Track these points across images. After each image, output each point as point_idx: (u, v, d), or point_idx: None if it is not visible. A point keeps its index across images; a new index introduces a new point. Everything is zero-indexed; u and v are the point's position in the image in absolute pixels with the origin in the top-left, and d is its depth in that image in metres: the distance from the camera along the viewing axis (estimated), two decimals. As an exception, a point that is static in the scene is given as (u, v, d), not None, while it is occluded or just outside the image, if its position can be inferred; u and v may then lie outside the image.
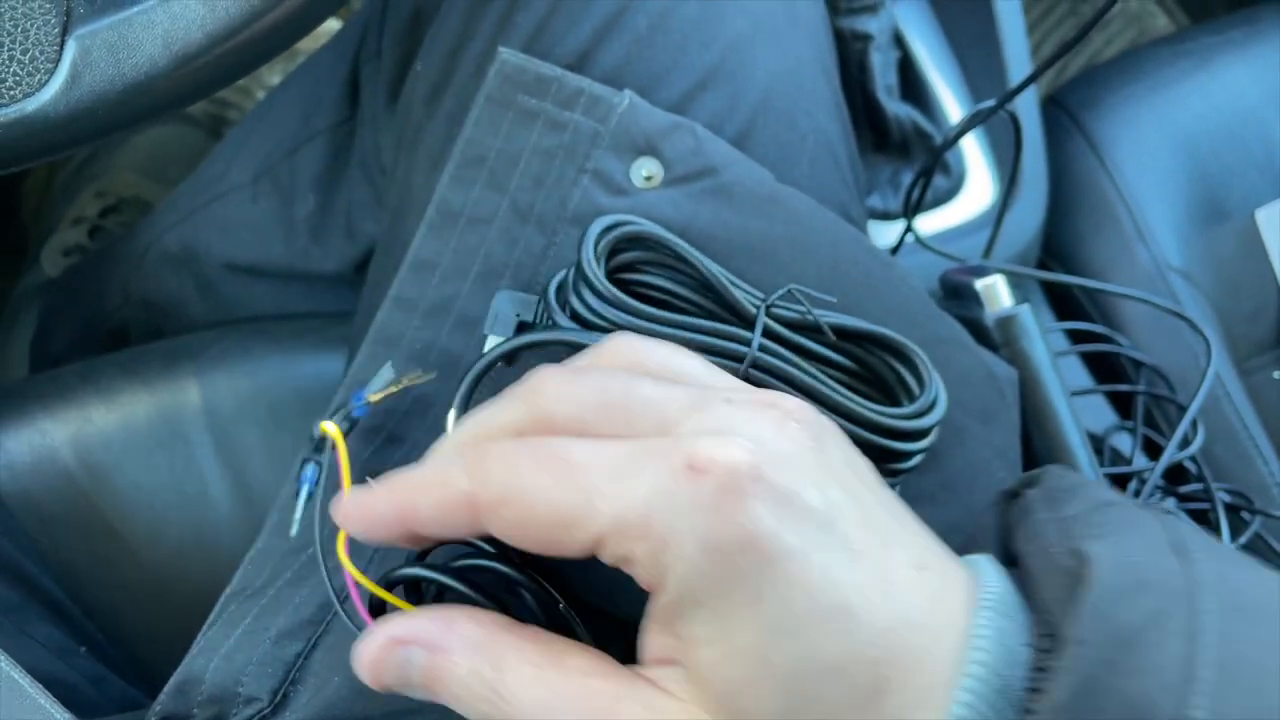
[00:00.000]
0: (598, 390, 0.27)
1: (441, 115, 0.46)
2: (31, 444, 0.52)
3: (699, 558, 0.23)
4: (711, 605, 0.23)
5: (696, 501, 0.23)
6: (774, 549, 0.23)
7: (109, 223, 0.83)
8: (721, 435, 0.24)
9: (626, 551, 0.24)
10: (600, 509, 0.24)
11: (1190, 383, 0.62)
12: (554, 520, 0.24)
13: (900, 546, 0.25)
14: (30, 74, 0.31)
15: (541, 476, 0.25)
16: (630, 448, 0.25)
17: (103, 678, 0.47)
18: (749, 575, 0.23)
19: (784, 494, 0.24)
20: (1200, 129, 0.70)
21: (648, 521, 0.23)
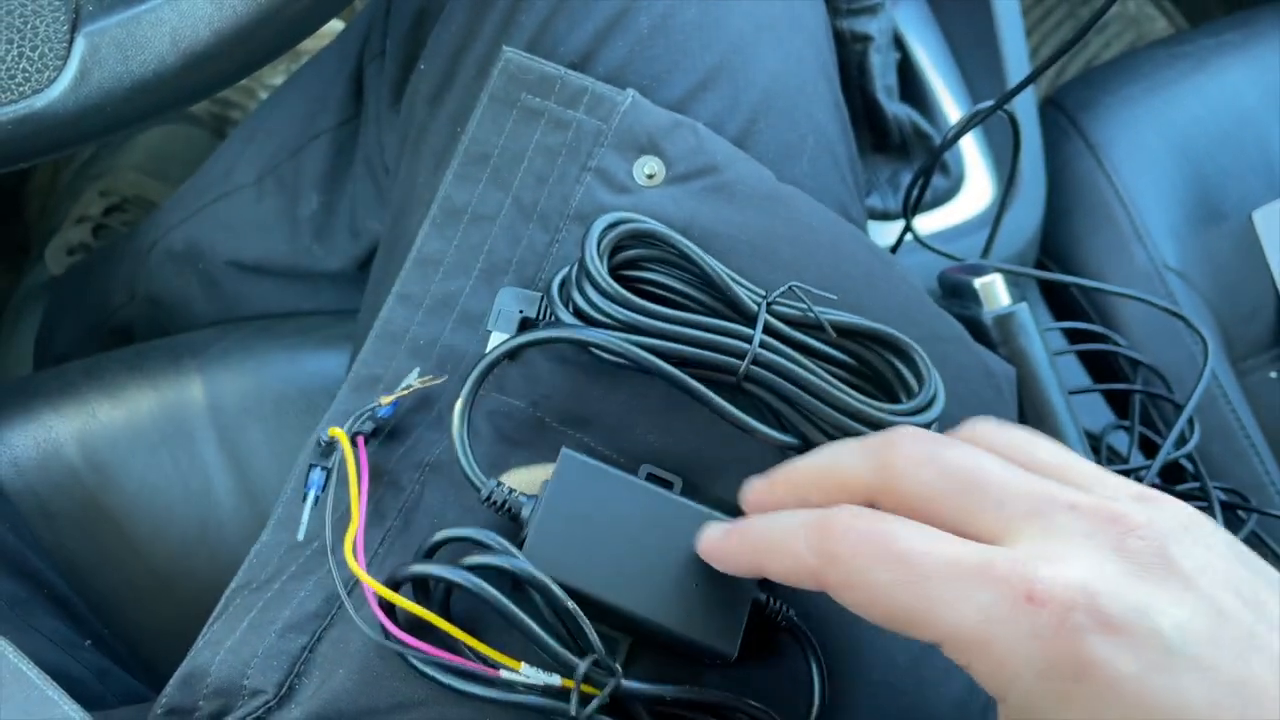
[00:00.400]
0: (948, 468, 0.28)
1: (445, 114, 0.46)
2: (36, 440, 0.52)
3: (1036, 683, 0.25)
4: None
5: (1034, 631, 0.24)
6: (1112, 675, 0.24)
7: (113, 221, 0.83)
8: (1059, 561, 0.25)
9: (964, 663, 0.26)
10: (939, 618, 0.26)
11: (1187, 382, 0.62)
12: (892, 616, 0.26)
13: (1260, 651, 0.25)
14: (39, 71, 0.31)
15: (883, 573, 0.26)
16: (971, 559, 0.26)
17: (107, 671, 0.47)
18: (1089, 700, 0.24)
19: (1121, 623, 0.24)
20: (1198, 130, 0.71)
21: (986, 643, 0.25)
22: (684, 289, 0.38)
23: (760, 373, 0.37)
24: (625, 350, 0.35)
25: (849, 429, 0.37)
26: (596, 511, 0.34)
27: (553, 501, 0.34)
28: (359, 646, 0.35)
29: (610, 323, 0.36)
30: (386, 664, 0.35)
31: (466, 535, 0.34)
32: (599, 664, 0.32)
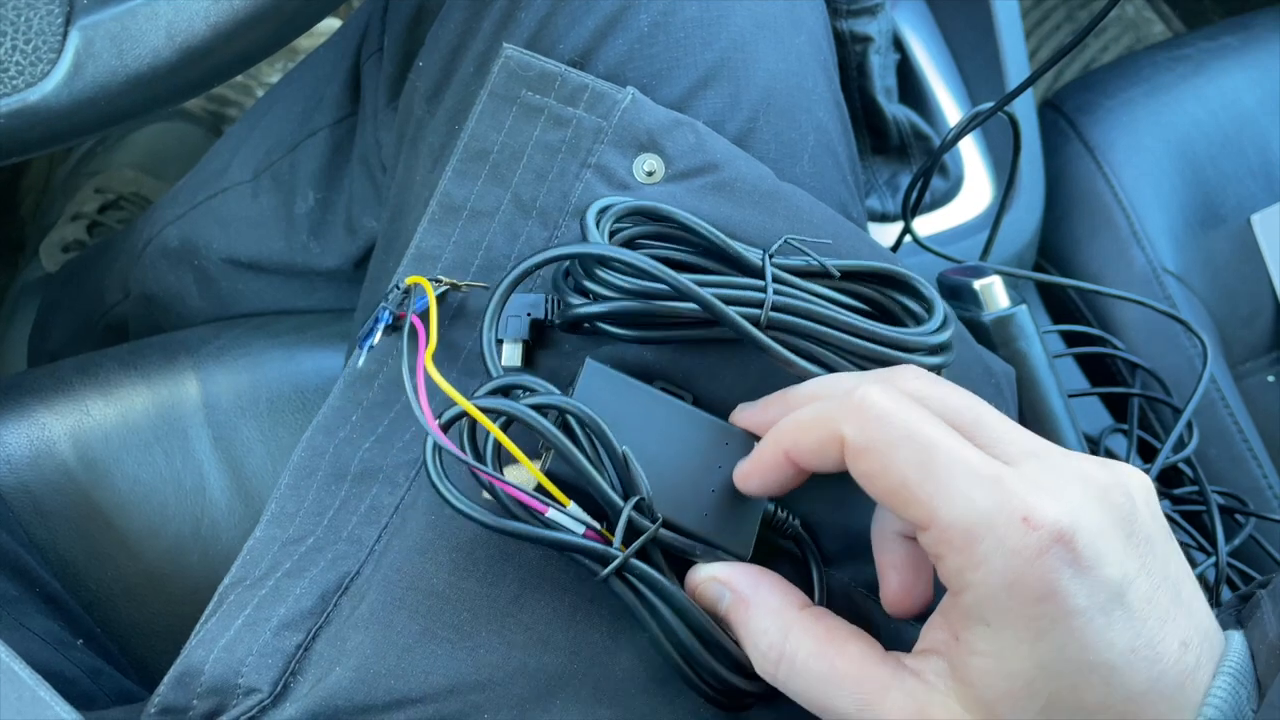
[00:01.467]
0: (954, 396, 0.31)
1: (443, 112, 0.46)
2: (30, 437, 0.52)
3: (1002, 592, 0.27)
4: (998, 629, 0.28)
5: (1019, 548, 0.27)
6: (1067, 606, 0.27)
7: (108, 219, 0.83)
8: (1053, 496, 0.28)
9: (941, 551, 0.28)
10: (939, 508, 0.28)
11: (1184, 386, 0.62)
12: (897, 491, 0.29)
13: (1174, 623, 0.28)
14: (33, 64, 0.31)
15: (906, 450, 0.29)
16: (986, 468, 0.28)
17: (100, 671, 0.46)
18: (1039, 620, 0.27)
19: (1088, 563, 0.27)
20: (1196, 134, 0.71)
21: (974, 542, 0.28)
22: (687, 259, 0.38)
23: (781, 318, 0.37)
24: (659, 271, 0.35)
25: (874, 354, 0.37)
26: (621, 418, 0.35)
27: (582, 400, 0.35)
28: (356, 644, 0.35)
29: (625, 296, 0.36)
30: (384, 661, 0.35)
31: (525, 382, 0.34)
32: (641, 508, 0.34)
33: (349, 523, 0.38)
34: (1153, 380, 0.60)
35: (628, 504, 0.33)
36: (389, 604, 0.36)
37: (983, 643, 0.28)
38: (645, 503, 0.34)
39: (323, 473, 0.39)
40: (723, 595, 0.33)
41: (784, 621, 0.32)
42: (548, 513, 0.33)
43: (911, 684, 0.29)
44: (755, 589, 0.33)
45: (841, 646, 0.31)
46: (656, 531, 0.33)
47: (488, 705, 0.35)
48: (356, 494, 0.39)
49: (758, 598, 0.33)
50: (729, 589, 0.33)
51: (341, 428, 0.39)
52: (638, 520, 0.33)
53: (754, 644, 0.32)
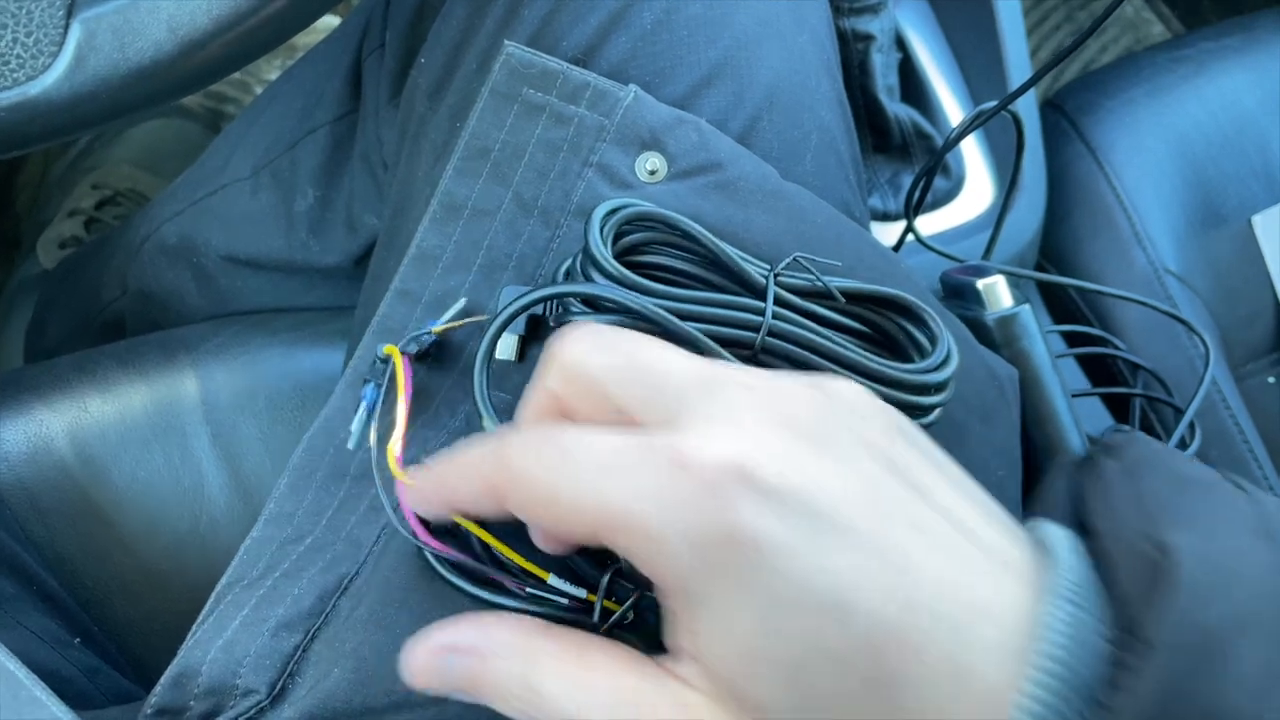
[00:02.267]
0: (615, 354, 0.27)
1: (445, 109, 0.46)
2: (27, 434, 0.52)
3: (688, 554, 0.24)
4: (708, 600, 0.24)
5: (678, 498, 0.24)
6: (759, 542, 0.23)
7: (105, 215, 0.83)
8: (710, 426, 0.25)
9: (625, 547, 0.25)
10: (599, 507, 0.25)
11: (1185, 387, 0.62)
12: (564, 519, 0.25)
13: (906, 529, 0.24)
14: (34, 56, 0.31)
15: (540, 467, 0.26)
16: (626, 441, 0.25)
17: (97, 670, 0.46)
18: (738, 569, 0.23)
19: (770, 487, 0.24)
20: (1197, 134, 0.71)
21: (642, 521, 0.24)
22: (690, 269, 0.38)
23: (775, 343, 0.36)
24: (650, 311, 0.35)
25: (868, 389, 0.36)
26: None
27: None
28: (355, 645, 0.35)
29: (619, 308, 0.36)
30: (383, 662, 0.35)
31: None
32: (621, 575, 0.32)
33: (347, 523, 0.38)
34: (1154, 381, 0.60)
35: (607, 574, 0.32)
36: (388, 605, 0.36)
37: (705, 622, 0.24)
38: (625, 568, 0.32)
39: (322, 473, 0.39)
40: (447, 664, 0.28)
41: (526, 656, 0.27)
42: (524, 591, 0.32)
43: (673, 688, 0.26)
44: (486, 637, 0.28)
45: (591, 660, 0.27)
46: (639, 598, 0.32)
47: (487, 710, 0.35)
48: (355, 494, 0.38)
49: (491, 643, 0.28)
50: (456, 652, 0.28)
51: (342, 429, 0.39)
52: (621, 590, 0.32)
53: (507, 696, 0.27)
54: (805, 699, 0.23)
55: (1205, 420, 0.65)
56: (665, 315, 0.35)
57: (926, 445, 0.28)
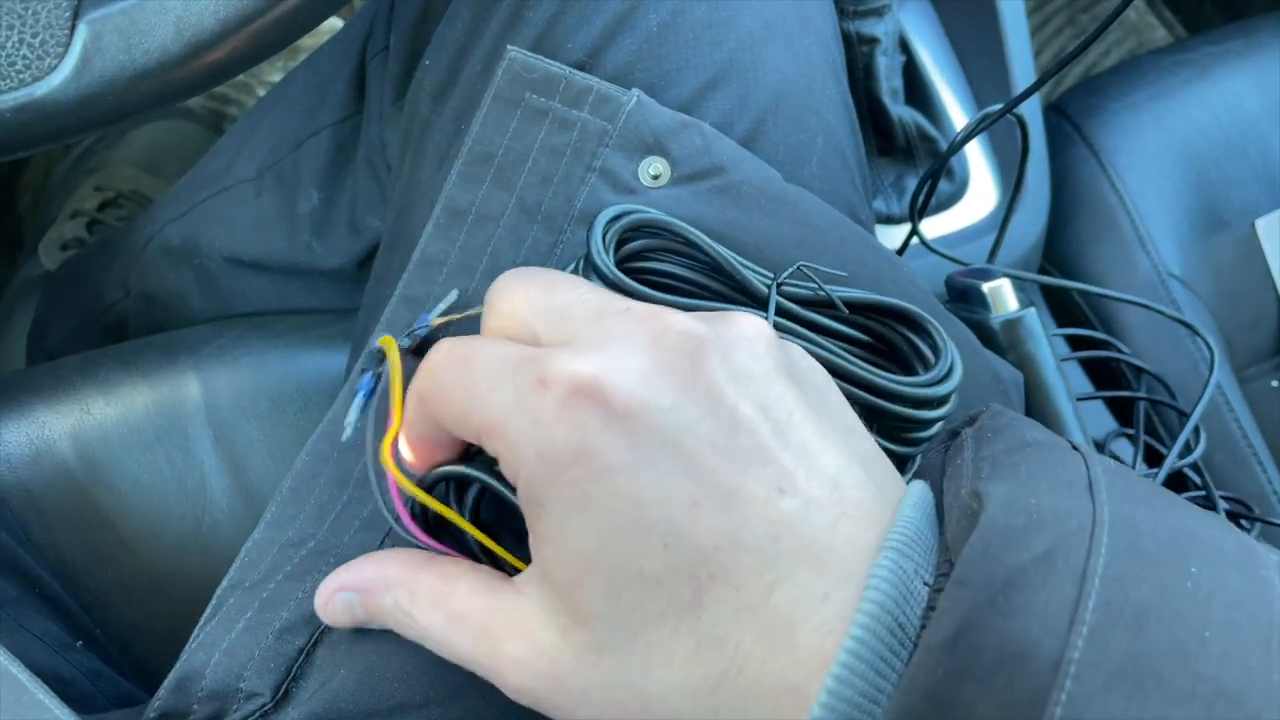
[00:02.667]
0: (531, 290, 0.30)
1: (449, 112, 0.46)
2: (29, 436, 0.52)
3: (537, 464, 0.25)
4: (550, 507, 0.25)
5: (538, 413, 0.25)
6: (604, 462, 0.25)
7: (107, 216, 0.83)
8: (579, 349, 0.26)
9: (493, 450, 0.27)
10: (475, 409, 0.27)
11: (1189, 390, 0.62)
12: (453, 415, 0.28)
13: (762, 467, 0.25)
14: (40, 57, 0.31)
15: (447, 375, 0.28)
16: (509, 354, 0.27)
17: (100, 673, 0.46)
18: (579, 483, 0.25)
19: (624, 410, 0.25)
20: (1200, 138, 0.70)
21: (503, 427, 0.26)
22: (692, 276, 0.38)
23: None
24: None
25: (865, 402, 0.36)
26: None
27: None
28: (361, 648, 0.35)
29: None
30: (389, 665, 0.35)
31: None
32: None
33: (351, 527, 0.38)
34: (1158, 384, 0.59)
35: None
36: None
37: (545, 527, 0.26)
38: None
39: (325, 478, 0.39)
40: (350, 602, 0.32)
41: (407, 586, 0.30)
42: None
43: (513, 601, 0.27)
44: (377, 573, 0.31)
45: (455, 586, 0.29)
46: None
47: (491, 713, 0.35)
48: (359, 498, 0.38)
49: (377, 579, 0.31)
50: (350, 589, 0.31)
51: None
52: None
53: (395, 622, 0.30)
54: (624, 614, 0.25)
55: (1209, 424, 0.64)
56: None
57: (816, 385, 0.29)
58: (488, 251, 0.41)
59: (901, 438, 0.36)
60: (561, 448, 0.25)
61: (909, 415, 0.36)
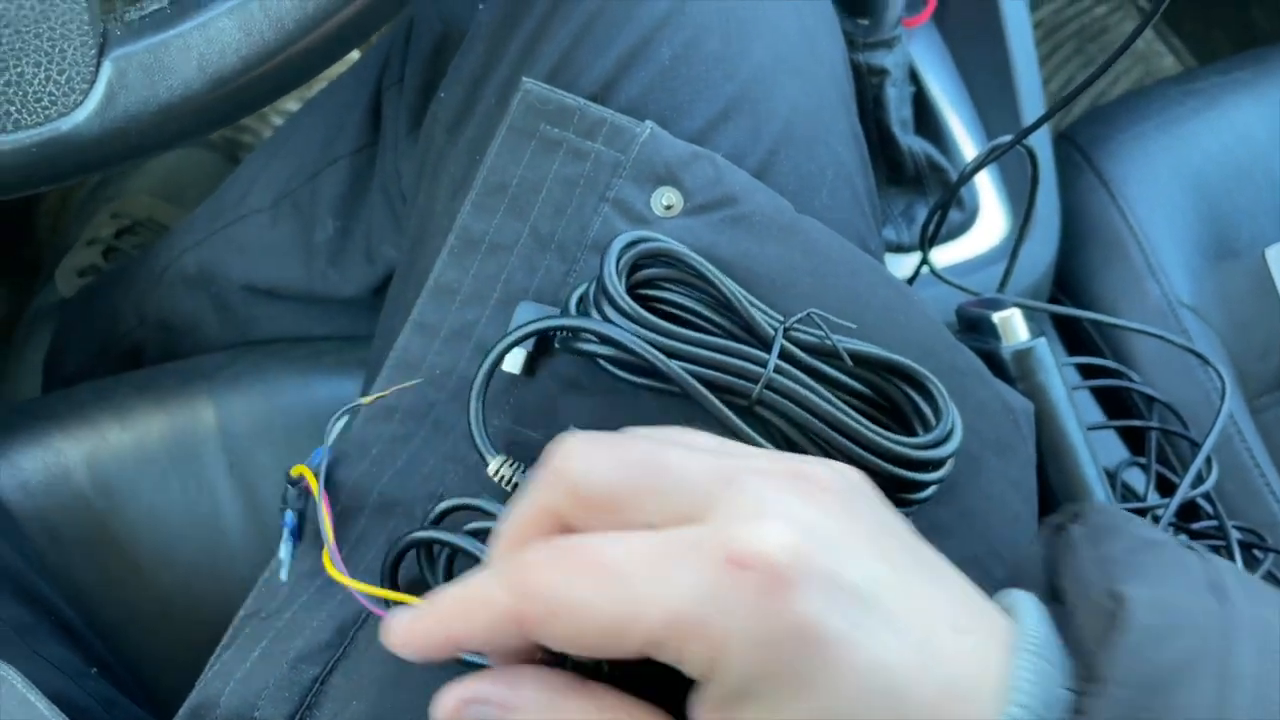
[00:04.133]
0: (625, 463, 0.26)
1: (463, 143, 0.46)
2: (46, 463, 0.52)
3: (751, 653, 0.24)
4: (765, 695, 0.24)
5: (743, 598, 0.23)
6: (822, 636, 0.23)
7: (124, 244, 0.83)
8: (757, 520, 0.24)
9: (677, 650, 0.24)
10: (648, 614, 0.24)
11: (1201, 419, 0.62)
12: (603, 630, 0.25)
13: (938, 611, 0.25)
14: (66, 94, 0.31)
15: (582, 588, 0.25)
16: (666, 542, 0.25)
17: (114, 701, 0.46)
18: (799, 665, 0.24)
19: (826, 577, 0.24)
20: (1210, 167, 0.71)
21: (699, 623, 0.24)
22: (701, 310, 0.38)
23: (773, 397, 0.36)
24: (642, 350, 0.35)
25: (860, 459, 0.36)
26: None
27: None
28: (373, 678, 0.35)
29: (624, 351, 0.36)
30: (401, 696, 0.35)
31: (473, 504, 0.34)
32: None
33: (365, 557, 0.38)
34: (1170, 414, 0.59)
35: None
36: None
37: (756, 714, 0.24)
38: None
39: (340, 506, 0.39)
40: (475, 715, 0.28)
41: (559, 714, 0.27)
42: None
43: None
44: (514, 690, 0.27)
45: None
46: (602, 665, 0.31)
47: None
48: (374, 527, 0.38)
49: (521, 699, 0.27)
50: (487, 704, 0.28)
51: (360, 461, 0.39)
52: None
53: None
54: None
55: (1222, 453, 0.64)
56: (654, 353, 0.35)
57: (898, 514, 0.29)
58: (501, 279, 0.41)
59: (892, 498, 0.36)
60: (779, 630, 0.23)
61: (905, 477, 0.36)
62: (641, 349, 0.35)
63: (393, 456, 0.39)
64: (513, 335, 0.37)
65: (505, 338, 0.37)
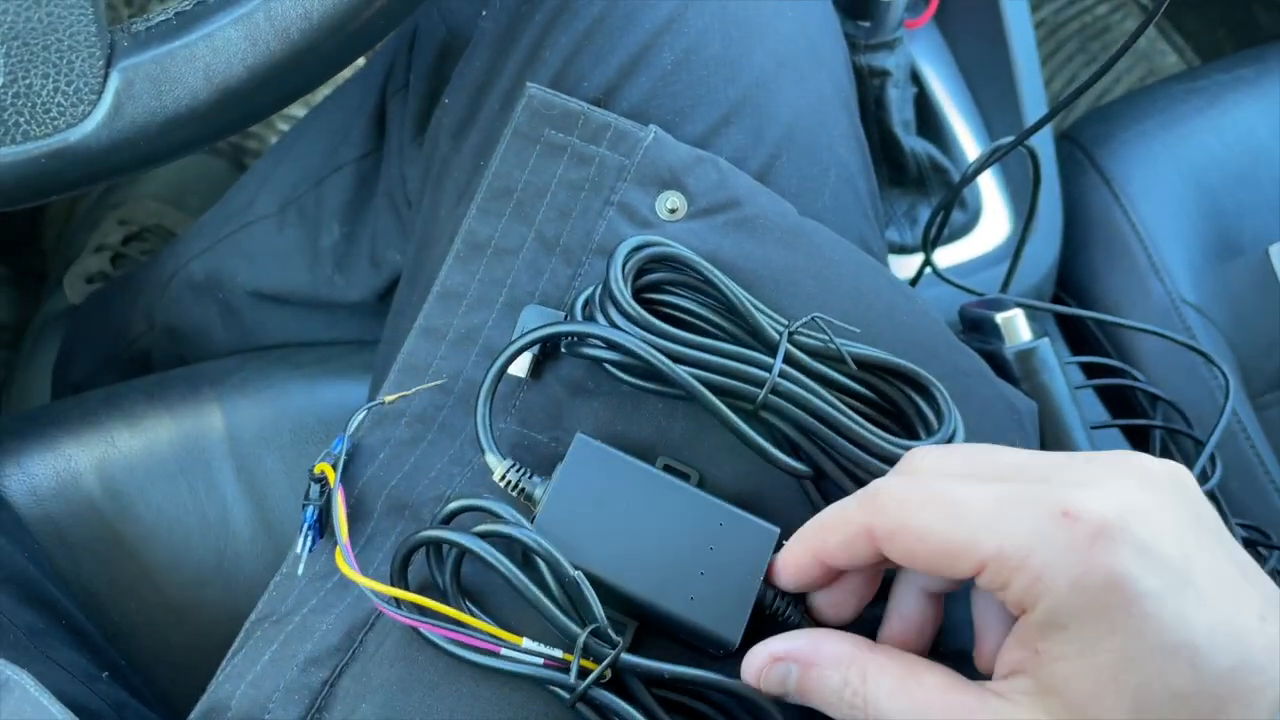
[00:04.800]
0: (966, 454, 0.32)
1: (468, 149, 0.46)
2: (55, 469, 0.52)
3: (1069, 592, 0.27)
4: (1074, 629, 0.27)
5: (1071, 544, 0.27)
6: (1135, 590, 0.27)
7: (131, 250, 0.84)
8: (1093, 487, 0.28)
9: (1004, 580, 0.28)
10: (984, 543, 0.28)
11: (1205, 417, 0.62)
12: (940, 550, 0.29)
13: (1245, 598, 0.28)
14: (74, 105, 0.32)
15: (928, 513, 0.30)
16: (1009, 490, 0.29)
17: (125, 704, 0.46)
18: (1110, 609, 0.27)
19: (1145, 544, 0.27)
20: (1213, 165, 0.71)
21: (1027, 557, 0.28)
22: (706, 315, 0.38)
23: (778, 402, 0.37)
24: (647, 355, 0.36)
25: (864, 463, 0.37)
26: (608, 495, 0.35)
27: (564, 481, 0.35)
28: (382, 681, 0.35)
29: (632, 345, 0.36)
30: (409, 699, 0.35)
31: (481, 505, 0.35)
32: (599, 635, 0.33)
33: (373, 560, 0.38)
34: (1174, 412, 0.59)
35: (584, 633, 0.33)
36: (414, 640, 0.36)
37: (1062, 646, 0.28)
38: (601, 629, 0.33)
39: (349, 508, 0.39)
40: (788, 673, 0.32)
41: (859, 667, 0.31)
42: (501, 652, 0.34)
43: (997, 705, 0.29)
44: (817, 648, 0.32)
45: (921, 679, 0.30)
46: (616, 658, 0.33)
47: None
48: (383, 531, 0.39)
49: (822, 655, 0.32)
50: (790, 660, 0.32)
51: (369, 464, 0.40)
52: (596, 647, 0.33)
53: (836, 701, 0.31)
54: None
55: (1226, 451, 0.64)
56: (659, 357, 0.36)
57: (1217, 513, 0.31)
58: (507, 283, 0.41)
59: None
60: (1097, 576, 0.27)
61: None
62: (647, 354, 0.35)
63: (400, 460, 0.40)
64: (520, 341, 0.37)
65: (512, 344, 0.37)
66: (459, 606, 0.34)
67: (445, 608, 0.34)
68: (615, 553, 0.34)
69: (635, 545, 0.35)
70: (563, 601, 0.33)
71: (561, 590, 0.33)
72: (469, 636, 0.34)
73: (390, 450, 0.40)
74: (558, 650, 0.33)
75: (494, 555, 0.33)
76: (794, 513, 0.37)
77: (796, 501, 0.39)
